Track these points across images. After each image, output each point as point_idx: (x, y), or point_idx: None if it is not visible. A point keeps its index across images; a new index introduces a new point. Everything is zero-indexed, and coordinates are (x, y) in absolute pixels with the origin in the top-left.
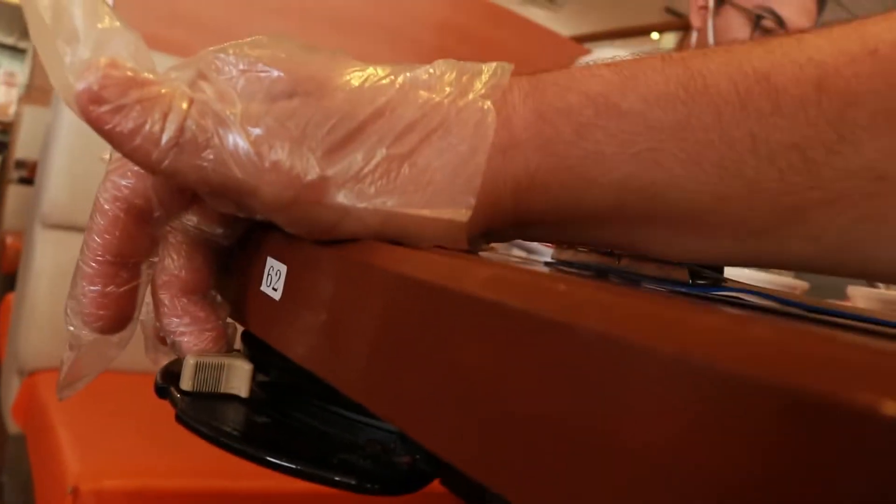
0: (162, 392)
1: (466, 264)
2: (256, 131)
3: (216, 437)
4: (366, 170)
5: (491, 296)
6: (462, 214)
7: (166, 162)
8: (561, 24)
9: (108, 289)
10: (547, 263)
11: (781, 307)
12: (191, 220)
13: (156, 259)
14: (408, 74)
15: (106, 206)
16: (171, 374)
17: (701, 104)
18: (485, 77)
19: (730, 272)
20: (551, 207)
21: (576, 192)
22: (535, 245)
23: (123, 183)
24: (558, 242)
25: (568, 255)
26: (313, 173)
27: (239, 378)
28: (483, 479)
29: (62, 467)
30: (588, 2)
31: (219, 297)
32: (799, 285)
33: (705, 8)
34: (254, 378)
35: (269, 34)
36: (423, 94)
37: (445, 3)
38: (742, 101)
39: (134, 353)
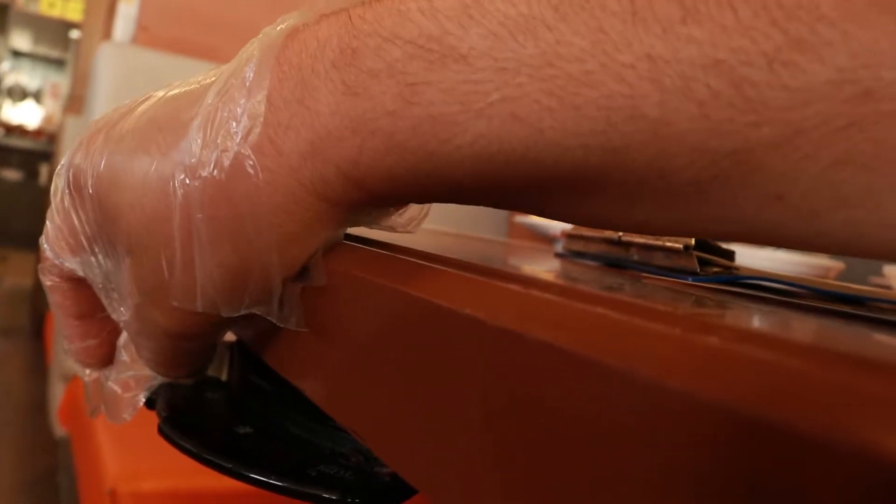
0: (150, 404)
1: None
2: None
3: (198, 454)
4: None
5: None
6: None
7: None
8: None
9: (86, 343)
10: (557, 255)
11: (803, 294)
12: None
13: None
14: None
15: (48, 283)
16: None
17: (575, 23)
18: (248, 81)
19: (756, 254)
20: (400, 186)
21: (418, 169)
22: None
23: (57, 261)
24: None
25: (579, 245)
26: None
27: None
28: None
29: (101, 469)
30: None
31: None
32: (833, 266)
33: None
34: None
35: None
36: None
37: None
38: (636, 8)
39: None
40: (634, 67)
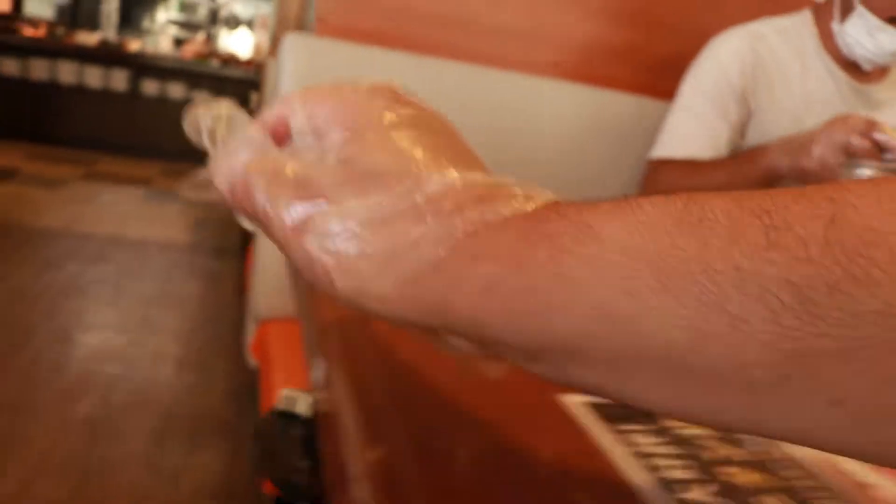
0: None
1: None
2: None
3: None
4: None
5: None
6: None
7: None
8: None
9: None
10: None
11: None
12: None
13: None
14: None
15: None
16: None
17: (686, 234)
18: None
19: None
20: (514, 329)
21: (540, 314)
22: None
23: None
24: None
25: None
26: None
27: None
28: None
29: (273, 393)
30: None
31: None
32: None
33: None
34: None
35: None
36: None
37: None
38: (733, 234)
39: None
40: (725, 274)
